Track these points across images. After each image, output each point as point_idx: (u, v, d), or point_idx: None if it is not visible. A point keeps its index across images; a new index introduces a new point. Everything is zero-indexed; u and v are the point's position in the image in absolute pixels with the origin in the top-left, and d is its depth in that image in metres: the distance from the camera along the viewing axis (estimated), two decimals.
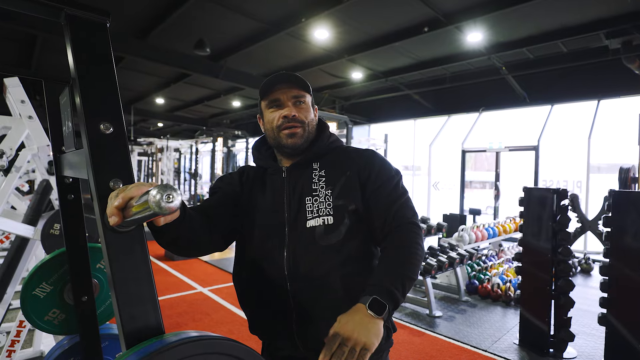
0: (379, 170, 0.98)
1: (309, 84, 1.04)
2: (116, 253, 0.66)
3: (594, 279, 5.03)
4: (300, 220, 0.94)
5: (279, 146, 1.01)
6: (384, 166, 0.99)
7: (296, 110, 0.99)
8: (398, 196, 0.95)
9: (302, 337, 0.93)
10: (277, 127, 0.99)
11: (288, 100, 0.99)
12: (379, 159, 1.01)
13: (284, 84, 0.99)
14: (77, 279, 1.32)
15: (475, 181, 9.24)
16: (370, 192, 0.95)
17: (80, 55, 0.69)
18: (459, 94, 8.42)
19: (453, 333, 3.13)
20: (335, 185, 0.95)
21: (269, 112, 1.01)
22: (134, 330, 0.66)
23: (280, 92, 0.99)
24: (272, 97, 1.00)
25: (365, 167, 0.98)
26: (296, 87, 1.00)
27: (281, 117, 0.98)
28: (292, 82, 0.99)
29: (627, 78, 6.00)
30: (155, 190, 0.48)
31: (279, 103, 1.00)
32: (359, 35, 6.11)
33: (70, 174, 1.14)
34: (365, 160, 0.99)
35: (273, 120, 1.00)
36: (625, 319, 2.47)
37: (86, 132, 0.67)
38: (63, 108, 1.03)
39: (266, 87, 0.99)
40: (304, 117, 1.00)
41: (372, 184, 0.96)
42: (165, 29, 5.72)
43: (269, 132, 1.02)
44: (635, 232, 2.45)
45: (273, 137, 1.01)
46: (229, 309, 3.64)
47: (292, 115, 0.98)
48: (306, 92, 1.02)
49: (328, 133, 1.05)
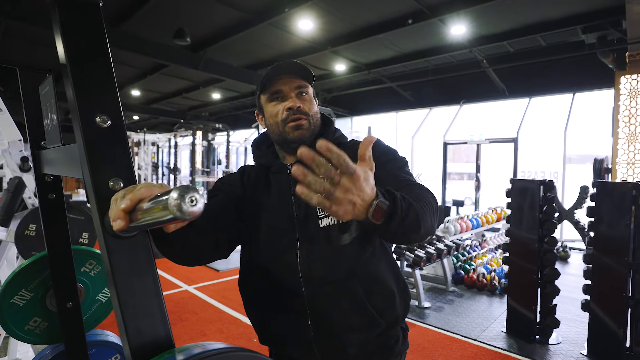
0: (383, 154, 0.92)
1: (313, 73, 0.97)
2: (120, 261, 0.59)
3: (572, 266, 5.21)
4: (312, 220, 0.88)
5: (284, 142, 0.95)
6: (389, 152, 0.94)
7: (300, 102, 0.93)
8: (406, 177, 0.88)
9: (319, 344, 0.87)
10: (282, 121, 0.92)
11: (291, 92, 0.93)
12: (383, 145, 0.96)
13: (285, 75, 0.92)
14: (60, 284, 1.23)
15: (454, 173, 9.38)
16: (375, 179, 0.89)
17: (71, 40, 0.61)
18: (441, 86, 8.50)
19: (443, 323, 3.17)
20: None
21: (270, 106, 0.94)
22: (141, 346, 0.59)
23: (281, 83, 0.92)
24: (273, 89, 0.93)
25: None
26: (299, 78, 0.93)
27: (285, 109, 0.91)
28: (294, 72, 0.93)
29: (602, 72, 6.19)
30: (176, 193, 0.42)
31: (282, 95, 0.93)
32: (343, 26, 6.04)
33: (52, 172, 1.05)
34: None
35: (277, 113, 0.93)
36: (606, 305, 2.55)
37: (80, 127, 0.60)
38: (44, 100, 0.93)
39: (266, 79, 0.92)
40: (308, 109, 0.94)
41: (377, 169, 0.89)
42: (142, 17, 5.49)
43: (272, 127, 0.95)
44: (614, 221, 2.53)
45: (277, 132, 0.94)
46: (217, 307, 3.56)
47: (297, 107, 0.91)
48: (309, 82, 0.95)
49: (333, 128, 1.00)
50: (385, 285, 0.88)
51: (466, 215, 4.92)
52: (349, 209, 0.56)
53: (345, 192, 0.55)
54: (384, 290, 0.88)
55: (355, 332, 0.87)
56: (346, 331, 0.86)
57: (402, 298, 0.92)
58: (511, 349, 2.74)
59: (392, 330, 0.91)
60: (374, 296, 0.87)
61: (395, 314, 0.90)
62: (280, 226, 0.90)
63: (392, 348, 0.91)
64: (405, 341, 0.95)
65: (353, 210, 0.57)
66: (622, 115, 5.64)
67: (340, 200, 0.55)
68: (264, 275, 0.91)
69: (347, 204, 0.56)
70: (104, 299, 1.42)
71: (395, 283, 0.91)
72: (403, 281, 0.95)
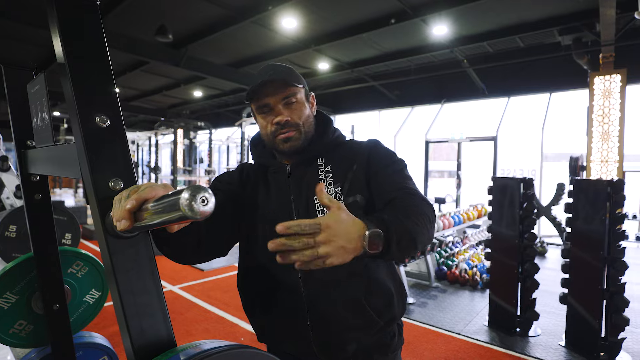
0: (382, 157, 0.93)
1: (300, 75, 0.96)
2: (121, 261, 0.59)
3: (549, 261, 5.40)
4: None
5: (276, 150, 0.96)
6: (388, 154, 0.95)
7: (288, 113, 0.91)
8: (403, 181, 0.89)
9: (318, 343, 0.89)
10: (271, 134, 0.92)
11: (278, 104, 0.90)
12: (382, 148, 0.97)
13: (270, 86, 0.89)
14: (47, 286, 1.21)
15: (434, 170, 9.55)
16: (373, 179, 0.90)
17: (70, 38, 0.60)
18: (423, 86, 8.63)
19: (427, 319, 3.24)
20: (344, 182, 0.90)
21: (260, 118, 0.94)
22: (144, 346, 0.60)
23: (267, 96, 0.90)
24: (260, 103, 0.91)
25: (369, 157, 0.93)
26: (285, 86, 0.90)
27: (273, 124, 0.91)
28: (279, 81, 0.89)
29: (577, 73, 6.41)
30: (188, 192, 0.43)
31: (269, 108, 0.91)
32: (326, 25, 6.05)
33: (41, 172, 1.03)
34: (369, 151, 0.94)
35: (266, 126, 0.93)
36: (583, 297, 2.66)
37: (80, 126, 0.59)
38: (34, 98, 0.91)
39: (252, 92, 0.91)
40: (298, 118, 0.92)
41: (375, 172, 0.91)
42: (122, 12, 5.36)
43: (264, 137, 0.95)
44: (590, 216, 2.64)
45: (269, 142, 0.95)
46: (202, 306, 3.53)
47: (285, 121, 0.90)
48: (297, 86, 0.92)
49: (333, 128, 1.00)
50: (383, 286, 0.90)
51: (448, 212, 5.02)
52: (342, 253, 0.60)
53: (326, 243, 0.58)
54: (383, 291, 0.90)
55: (354, 331, 0.88)
56: (345, 330, 0.87)
57: (399, 298, 0.94)
58: (493, 342, 2.83)
59: (389, 327, 0.93)
60: (373, 297, 0.88)
61: (393, 313, 0.92)
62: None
63: (388, 344, 0.93)
64: (401, 337, 0.97)
65: (346, 252, 0.60)
66: (596, 115, 5.86)
67: (328, 253, 0.58)
68: (263, 275, 0.92)
69: (337, 252, 0.59)
70: (91, 301, 1.40)
71: (393, 283, 0.93)
72: (400, 281, 0.97)
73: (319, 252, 0.58)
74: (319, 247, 0.58)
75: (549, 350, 2.70)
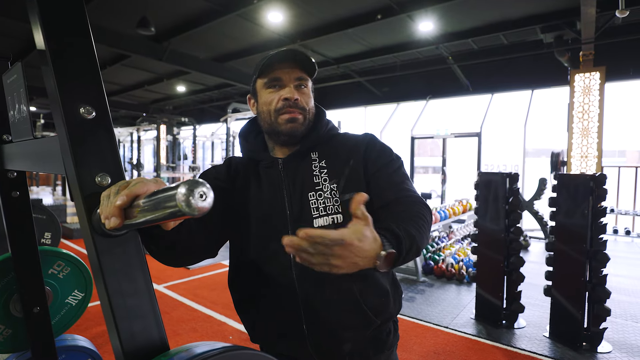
0: (379, 154, 0.91)
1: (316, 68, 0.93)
2: (110, 261, 0.56)
3: (532, 254, 5.52)
4: (306, 219, 0.85)
5: (273, 132, 0.90)
6: (385, 151, 0.93)
7: (299, 94, 0.88)
8: (402, 182, 0.88)
9: (313, 342, 0.86)
10: (275, 110, 0.88)
11: (290, 82, 0.88)
12: (379, 143, 0.94)
13: (288, 63, 0.87)
14: (26, 288, 1.16)
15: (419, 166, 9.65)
16: (370, 177, 0.88)
17: (52, 25, 0.56)
18: (409, 82, 8.68)
19: (416, 313, 3.26)
20: (340, 178, 0.87)
21: (266, 93, 0.89)
22: (135, 349, 0.56)
23: (282, 71, 0.87)
24: (273, 76, 0.87)
25: (366, 153, 0.91)
26: (301, 69, 0.88)
27: (282, 99, 0.87)
28: (297, 62, 0.88)
29: (558, 70, 6.55)
30: (185, 187, 0.40)
31: (280, 83, 0.88)
32: (312, 19, 6.01)
33: (18, 167, 0.98)
34: (365, 146, 0.92)
35: (271, 102, 0.88)
36: (566, 290, 2.72)
37: (63, 118, 0.56)
38: (9, 90, 0.86)
39: (266, 64, 0.87)
40: (305, 103, 0.89)
41: (373, 171, 0.89)
42: (102, 4, 5.20)
43: (264, 115, 0.91)
44: (573, 210, 2.69)
45: (269, 121, 0.90)
46: (189, 305, 3.47)
47: (295, 99, 0.87)
48: (310, 75, 0.91)
49: (326, 120, 0.97)
50: (379, 285, 0.88)
51: (434, 207, 5.07)
52: (352, 267, 0.59)
53: (342, 258, 0.56)
54: (379, 290, 0.88)
55: (350, 330, 0.86)
56: (341, 330, 0.85)
57: (395, 297, 0.92)
58: (480, 335, 2.87)
59: (385, 325, 0.91)
60: (369, 296, 0.86)
61: (389, 312, 0.90)
62: (272, 224, 0.87)
63: (384, 341, 0.92)
64: (397, 334, 0.96)
65: (356, 267, 0.59)
66: (577, 112, 6.01)
67: (339, 266, 0.57)
68: (256, 273, 0.89)
69: (348, 266, 0.58)
70: (74, 302, 1.34)
71: (389, 282, 0.91)
72: (395, 279, 0.95)
73: (332, 262, 0.56)
74: (333, 258, 0.56)
75: (534, 341, 2.75)
